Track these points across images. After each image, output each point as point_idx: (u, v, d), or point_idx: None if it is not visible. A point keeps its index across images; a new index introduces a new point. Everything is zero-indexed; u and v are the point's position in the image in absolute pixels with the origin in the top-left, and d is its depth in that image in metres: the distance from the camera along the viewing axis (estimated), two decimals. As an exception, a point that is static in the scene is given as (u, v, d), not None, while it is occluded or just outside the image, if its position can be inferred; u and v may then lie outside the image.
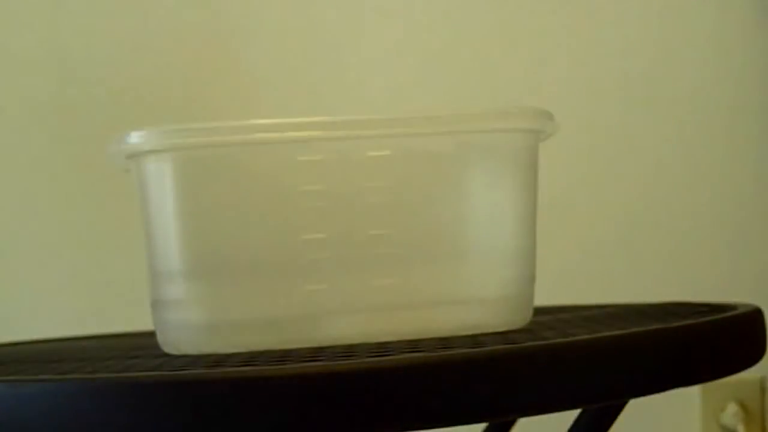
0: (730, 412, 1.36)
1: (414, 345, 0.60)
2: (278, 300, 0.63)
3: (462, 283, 0.65)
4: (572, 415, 0.70)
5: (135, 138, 0.63)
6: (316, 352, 0.59)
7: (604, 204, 1.35)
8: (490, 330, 0.65)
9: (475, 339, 0.62)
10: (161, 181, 0.63)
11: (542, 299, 0.87)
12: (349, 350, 0.60)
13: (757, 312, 0.65)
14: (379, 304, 0.64)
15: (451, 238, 0.65)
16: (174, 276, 0.63)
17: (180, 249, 0.63)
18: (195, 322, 0.63)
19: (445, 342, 0.61)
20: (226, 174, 0.63)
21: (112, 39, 1.29)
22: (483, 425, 0.92)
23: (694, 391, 1.35)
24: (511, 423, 0.89)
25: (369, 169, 0.64)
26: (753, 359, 0.63)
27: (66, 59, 1.28)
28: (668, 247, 1.35)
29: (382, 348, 0.60)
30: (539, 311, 0.82)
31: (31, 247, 1.29)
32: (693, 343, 0.58)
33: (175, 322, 0.64)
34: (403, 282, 0.64)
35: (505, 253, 0.66)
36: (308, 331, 0.63)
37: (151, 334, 0.67)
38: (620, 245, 1.34)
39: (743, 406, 1.37)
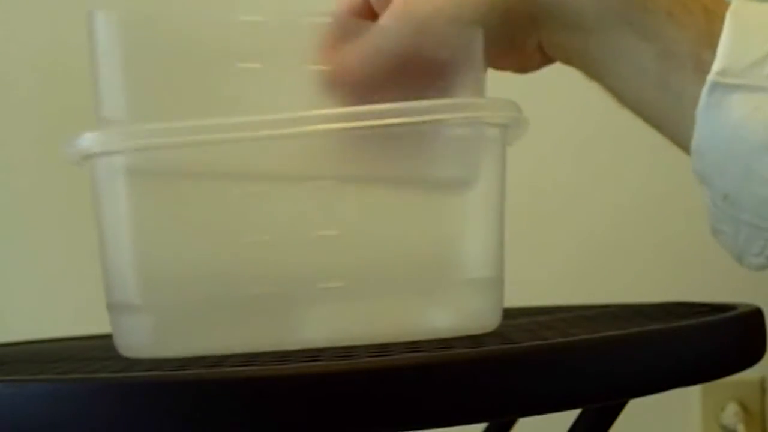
0: (730, 412, 1.36)
1: (414, 345, 0.60)
2: (233, 304, 0.62)
3: (423, 286, 0.64)
4: (572, 415, 0.70)
5: (86, 140, 0.62)
6: (314, 353, 0.59)
7: (603, 203, 1.35)
8: (456, 335, 0.64)
9: (474, 339, 0.62)
10: (113, 184, 0.62)
11: (542, 299, 0.87)
12: (349, 350, 0.60)
13: (757, 312, 0.65)
14: (339, 308, 0.62)
15: (412, 238, 0.64)
16: (128, 280, 0.63)
17: (133, 253, 0.62)
18: (150, 326, 0.63)
19: (445, 342, 0.61)
20: (179, 176, 0.62)
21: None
22: (483, 425, 0.92)
23: (694, 391, 1.35)
24: (511, 423, 0.89)
25: (322, 164, 0.62)
26: (753, 359, 0.63)
27: (61, 57, 1.28)
28: (668, 247, 1.35)
29: (382, 348, 0.60)
30: (539, 311, 0.82)
31: (30, 246, 1.29)
32: (693, 343, 0.58)
33: (130, 326, 0.63)
34: (361, 285, 0.63)
35: (468, 254, 0.65)
36: (268, 335, 0.62)
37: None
38: (620, 245, 1.34)
39: (743, 406, 1.37)
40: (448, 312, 0.64)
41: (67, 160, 0.66)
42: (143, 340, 0.63)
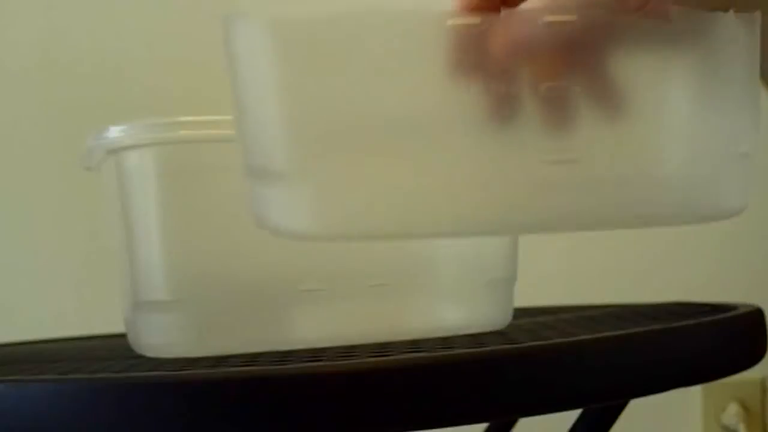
0: (731, 413, 1.36)
1: (414, 345, 0.60)
2: (269, 301, 0.62)
3: (438, 284, 0.65)
4: (572, 415, 0.70)
5: (116, 132, 0.61)
6: (316, 353, 0.59)
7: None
8: (467, 332, 0.65)
9: (475, 338, 0.62)
10: (143, 178, 0.61)
11: (543, 299, 0.87)
12: (349, 350, 0.60)
13: (757, 312, 0.65)
14: (353, 307, 0.63)
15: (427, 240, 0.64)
16: (156, 277, 0.62)
17: (163, 249, 0.62)
18: (181, 325, 0.62)
19: (446, 342, 0.61)
20: (210, 170, 0.61)
21: (107, 37, 1.29)
22: (483, 425, 0.92)
23: (695, 391, 1.35)
24: (512, 423, 0.89)
25: None
26: (754, 359, 0.63)
27: (62, 57, 1.28)
28: (668, 247, 1.35)
29: (383, 348, 0.60)
30: (540, 311, 0.82)
31: (30, 246, 1.29)
32: (693, 343, 0.58)
33: (157, 325, 0.63)
34: (378, 283, 0.63)
35: (483, 253, 0.65)
36: (277, 333, 0.62)
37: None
38: (621, 245, 1.34)
39: (744, 406, 1.37)
40: (459, 309, 0.65)
41: (80, 160, 0.65)
42: (174, 339, 0.62)
